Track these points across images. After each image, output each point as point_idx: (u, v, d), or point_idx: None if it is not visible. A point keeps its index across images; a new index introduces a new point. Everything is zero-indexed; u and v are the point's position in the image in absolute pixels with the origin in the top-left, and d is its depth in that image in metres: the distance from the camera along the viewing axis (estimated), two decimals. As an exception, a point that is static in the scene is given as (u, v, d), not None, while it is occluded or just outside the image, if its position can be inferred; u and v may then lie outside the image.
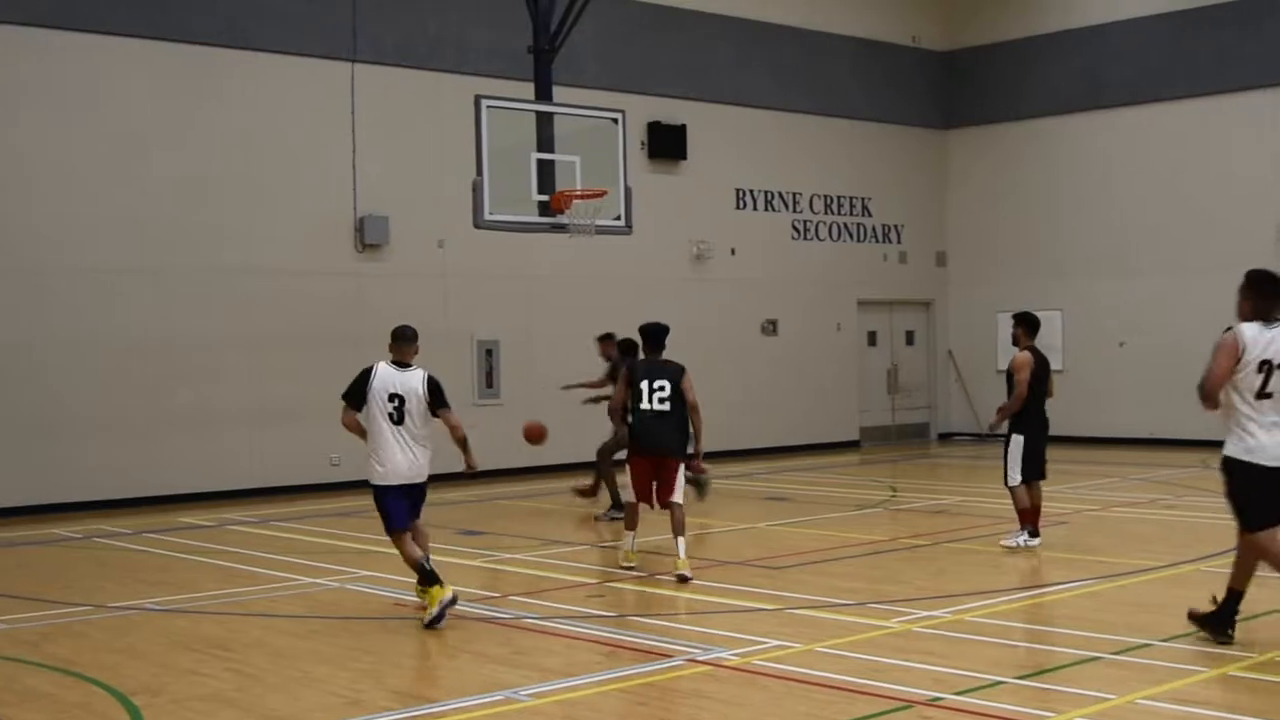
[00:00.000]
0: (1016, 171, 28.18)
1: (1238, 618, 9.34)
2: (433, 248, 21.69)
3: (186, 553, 14.71)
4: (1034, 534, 14.01)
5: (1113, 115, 26.71)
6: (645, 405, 12.80)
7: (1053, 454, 24.73)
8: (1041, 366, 14.10)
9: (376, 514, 11.14)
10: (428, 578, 10.75)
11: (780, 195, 26.53)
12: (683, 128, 24.71)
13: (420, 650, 10.08)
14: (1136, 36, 26.30)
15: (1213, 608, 9.44)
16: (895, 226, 28.43)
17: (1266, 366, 9.01)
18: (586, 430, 17.92)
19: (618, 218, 16.39)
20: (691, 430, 13.01)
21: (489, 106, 15.52)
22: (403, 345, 11.30)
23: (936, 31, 29.10)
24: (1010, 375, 14.06)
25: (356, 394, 11.12)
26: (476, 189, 15.32)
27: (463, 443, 11.13)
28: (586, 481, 17.74)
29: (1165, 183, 25.90)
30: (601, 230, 16.32)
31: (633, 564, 13.07)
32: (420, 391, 11.04)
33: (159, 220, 19.37)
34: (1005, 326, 27.64)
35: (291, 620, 11.04)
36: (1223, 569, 12.34)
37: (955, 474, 23.12)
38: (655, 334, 13.22)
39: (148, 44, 19.36)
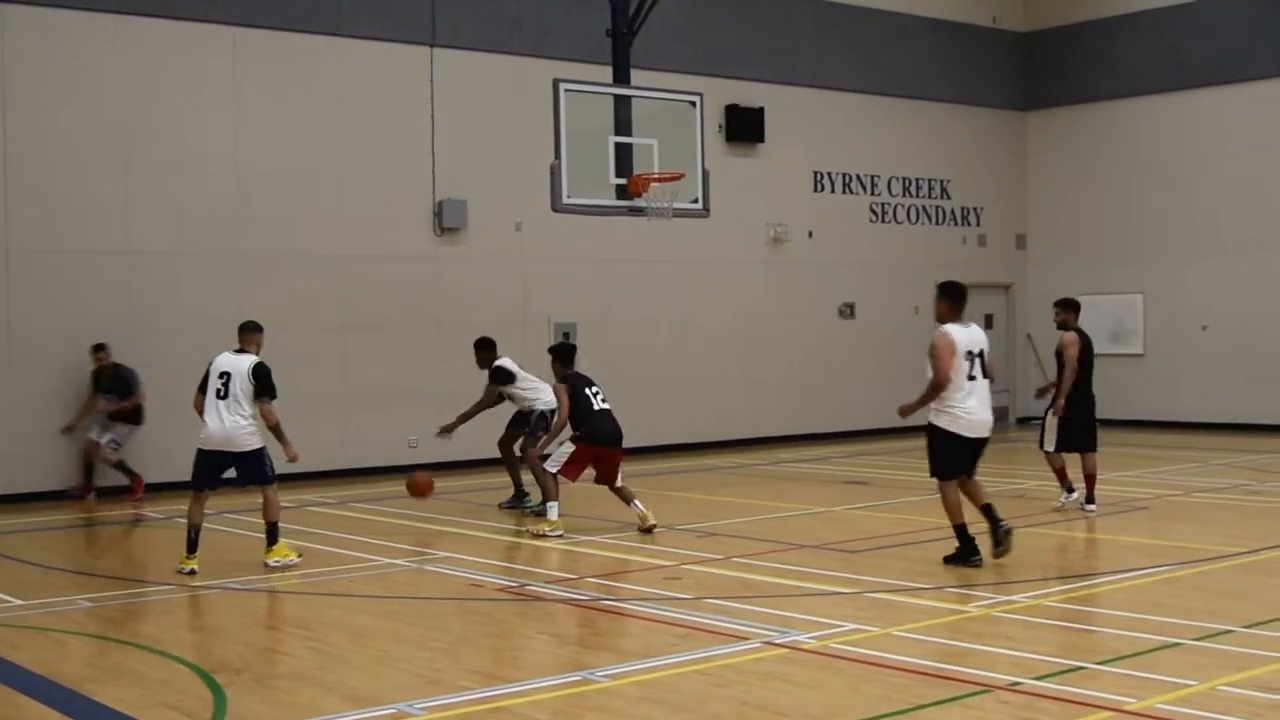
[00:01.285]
0: (1097, 153, 27.88)
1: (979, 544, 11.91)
2: (510, 231, 21.78)
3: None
4: (1089, 499, 15.27)
5: (1195, 96, 26.35)
6: (598, 407, 14.56)
7: (1134, 438, 24.64)
8: (1087, 346, 15.54)
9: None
10: (191, 545, 12.45)
11: (858, 178, 26.41)
12: (760, 110, 24.65)
13: (498, 631, 10.15)
14: (1219, 15, 25.92)
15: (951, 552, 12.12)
16: (974, 209, 28.23)
17: (970, 355, 11.75)
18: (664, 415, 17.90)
19: (695, 200, 16.38)
20: None
21: (567, 90, 15.55)
22: (242, 335, 12.95)
23: (1016, 12, 28.84)
24: (1060, 354, 15.51)
25: (202, 379, 12.79)
26: (554, 172, 15.37)
27: (275, 430, 12.61)
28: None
29: (1249, 164, 25.54)
30: (679, 213, 16.32)
31: (560, 531, 14.31)
32: (245, 371, 12.55)
33: (241, 205, 19.59)
34: (1086, 310, 27.61)
35: (371, 600, 11.15)
36: (1307, 555, 12.24)
37: (1033, 458, 22.80)
38: (574, 351, 15.17)
39: (229, 30, 19.55)
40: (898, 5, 26.81)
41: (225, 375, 12.57)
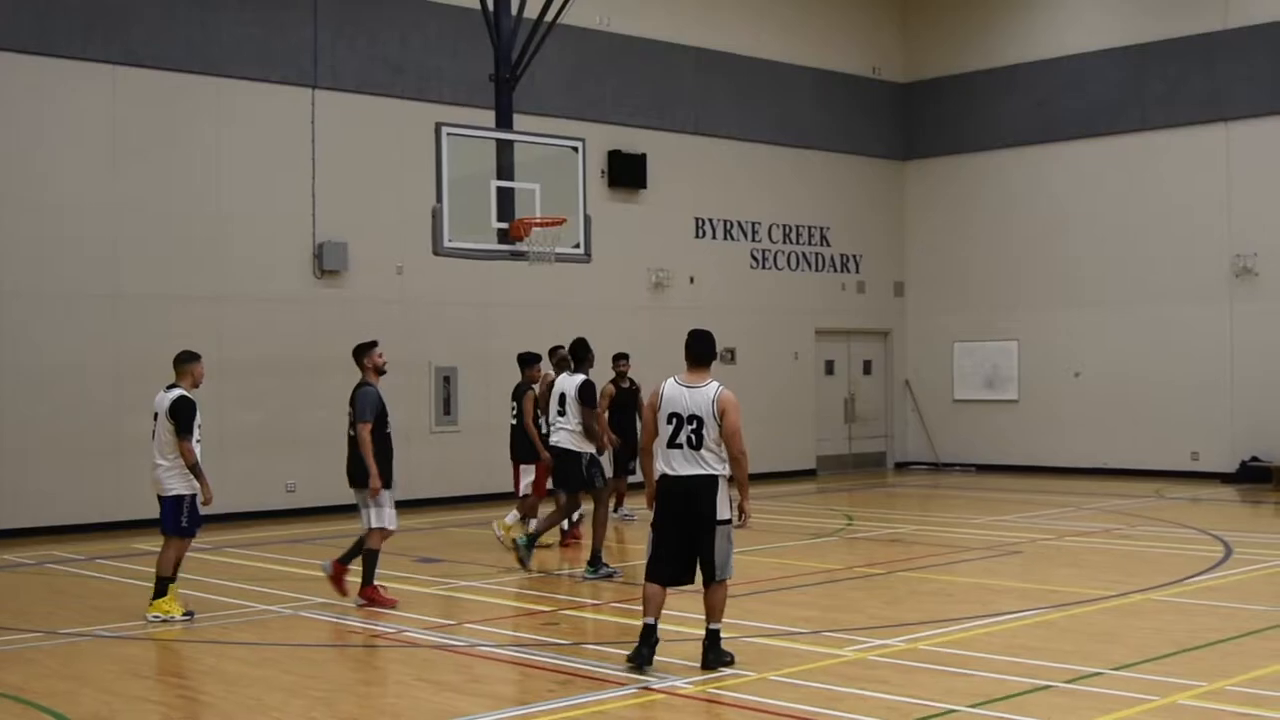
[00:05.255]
0: (974, 203, 28.38)
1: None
2: (391, 274, 21.67)
3: (140, 579, 14.59)
4: None
5: (1066, 148, 26.94)
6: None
7: (1008, 483, 25.04)
8: None
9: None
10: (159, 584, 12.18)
11: (739, 224, 26.63)
12: (643, 156, 24.79)
13: (374, 678, 10.06)
14: (1090, 70, 26.56)
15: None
16: (853, 256, 28.57)
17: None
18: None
19: (577, 246, 16.40)
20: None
21: (449, 134, 15.53)
22: (175, 367, 12.45)
23: (897, 63, 29.32)
24: None
25: None
26: (436, 216, 15.32)
27: (192, 469, 12.18)
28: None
29: (1118, 215, 26.12)
30: (560, 258, 16.34)
31: None
32: (165, 409, 12.10)
33: (115, 245, 19.29)
34: (962, 356, 28.23)
35: (244, 647, 10.99)
36: (1174, 598, 12.49)
37: (911, 503, 23.20)
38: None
39: (109, 69, 19.29)
40: (779, 54, 27.13)
41: (156, 415, 12.26)
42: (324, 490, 19.64)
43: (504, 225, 15.81)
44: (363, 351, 13.10)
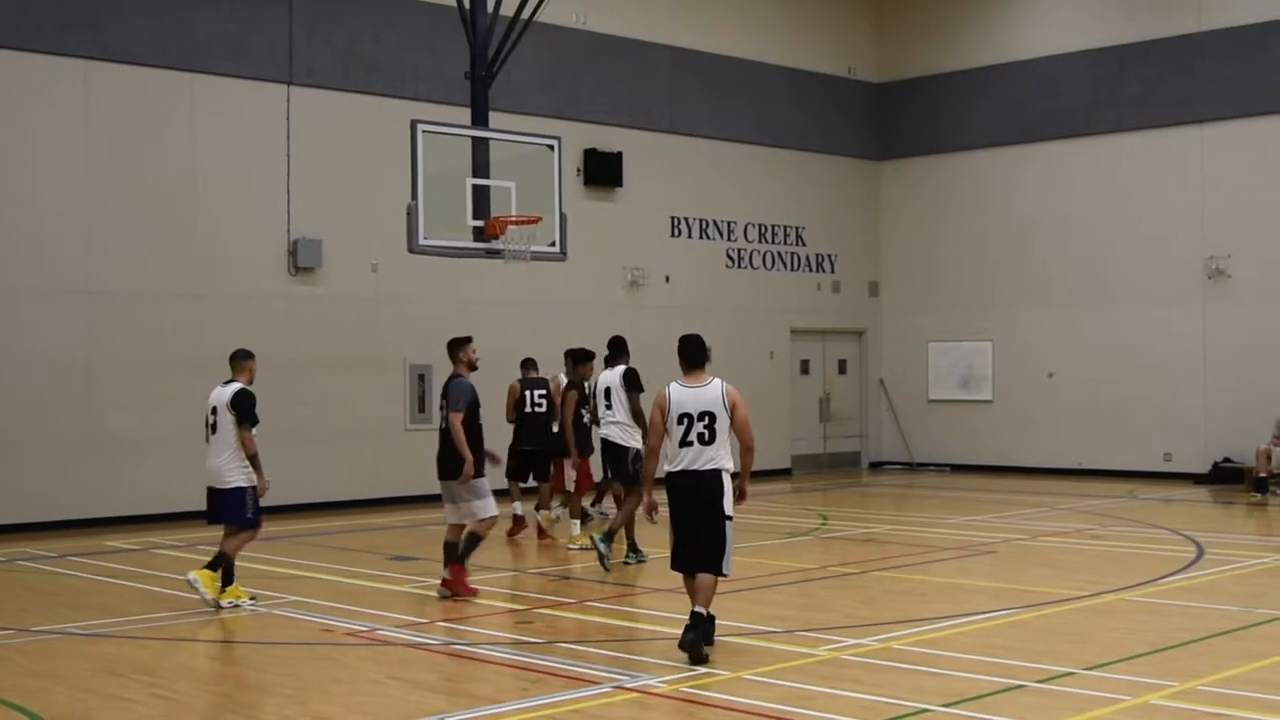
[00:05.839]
0: (949, 203, 28.44)
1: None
2: (366, 272, 21.62)
3: (112, 576, 14.56)
4: None
5: (1041, 149, 27.01)
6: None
7: (982, 483, 25.11)
8: None
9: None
10: (221, 571, 12.45)
11: (715, 223, 26.64)
12: (619, 155, 24.78)
13: (347, 676, 10.02)
14: (1065, 72, 26.64)
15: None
16: (829, 256, 28.61)
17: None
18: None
19: (552, 244, 16.38)
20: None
21: (425, 131, 15.50)
22: (231, 364, 12.93)
23: (873, 63, 29.36)
24: None
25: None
26: (411, 213, 15.28)
27: (252, 459, 12.40)
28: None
29: (1093, 216, 26.20)
30: (536, 256, 16.30)
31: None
32: (226, 401, 12.42)
33: (89, 241, 19.20)
34: (937, 356, 28.30)
35: (217, 645, 10.96)
36: (1147, 599, 12.54)
37: (885, 503, 23.24)
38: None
39: (83, 64, 19.20)
40: (755, 53, 27.15)
41: (214, 409, 12.52)
42: (298, 488, 19.56)
43: (479, 223, 15.78)
44: (457, 346, 13.78)
